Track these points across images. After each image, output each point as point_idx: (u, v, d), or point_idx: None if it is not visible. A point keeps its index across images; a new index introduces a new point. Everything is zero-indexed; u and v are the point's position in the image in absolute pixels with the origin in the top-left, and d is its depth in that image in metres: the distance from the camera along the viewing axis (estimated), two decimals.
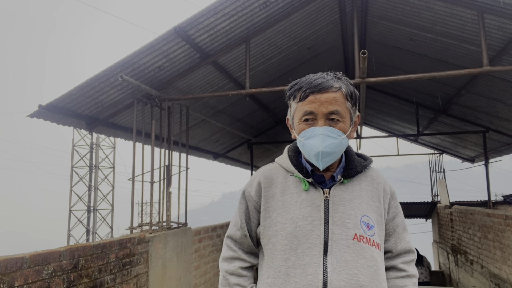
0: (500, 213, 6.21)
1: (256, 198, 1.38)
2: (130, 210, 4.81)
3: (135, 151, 4.90)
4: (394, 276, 1.36)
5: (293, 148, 1.42)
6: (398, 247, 1.38)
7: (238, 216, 1.42)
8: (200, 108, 6.67)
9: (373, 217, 1.30)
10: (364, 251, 1.24)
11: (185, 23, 4.34)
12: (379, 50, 7.10)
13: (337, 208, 1.27)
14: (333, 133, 1.26)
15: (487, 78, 6.23)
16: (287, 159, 1.39)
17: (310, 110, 1.27)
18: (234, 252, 1.43)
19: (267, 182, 1.37)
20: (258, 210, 1.38)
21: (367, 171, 1.40)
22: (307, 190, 1.30)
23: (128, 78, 4.35)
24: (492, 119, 8.05)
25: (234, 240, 1.44)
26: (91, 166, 17.20)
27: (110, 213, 17.55)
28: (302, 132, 1.29)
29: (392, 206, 1.39)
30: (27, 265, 2.63)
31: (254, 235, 1.41)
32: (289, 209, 1.29)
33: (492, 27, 4.74)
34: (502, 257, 6.10)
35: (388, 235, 1.37)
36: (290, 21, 5.38)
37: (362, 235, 1.25)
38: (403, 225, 1.41)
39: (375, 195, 1.35)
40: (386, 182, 1.41)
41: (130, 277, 3.88)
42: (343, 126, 1.28)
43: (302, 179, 1.32)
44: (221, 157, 10.14)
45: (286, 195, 1.32)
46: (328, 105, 1.26)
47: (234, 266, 1.41)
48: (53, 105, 4.50)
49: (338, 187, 1.31)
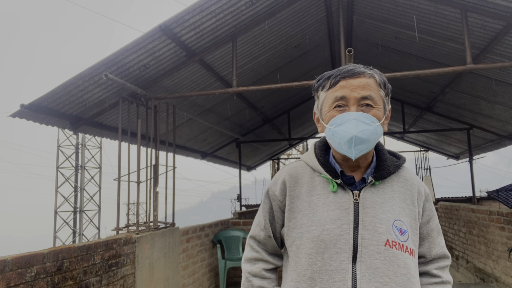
0: (484, 208, 6.32)
1: (280, 197, 1.31)
2: (116, 211, 4.74)
3: (120, 151, 4.84)
4: (428, 282, 1.29)
5: (320, 145, 1.34)
6: (433, 252, 1.31)
7: (262, 216, 1.36)
8: (187, 107, 6.62)
9: (407, 221, 1.22)
10: (397, 258, 1.16)
11: (171, 21, 4.30)
12: (365, 49, 7.15)
13: (367, 211, 1.19)
14: (367, 119, 1.17)
15: (470, 76, 6.33)
16: (313, 158, 1.31)
17: (342, 95, 1.19)
18: (257, 253, 1.37)
19: (292, 181, 1.29)
20: (283, 210, 1.31)
21: (400, 171, 1.30)
22: (335, 191, 1.22)
23: (112, 76, 4.29)
24: (476, 117, 8.19)
25: (257, 240, 1.38)
26: (77, 167, 16.95)
27: (97, 214, 17.33)
28: (333, 119, 1.20)
29: (426, 209, 1.30)
30: (9, 268, 2.56)
31: (279, 236, 1.35)
32: (316, 211, 1.22)
33: (475, 25, 4.81)
34: (486, 252, 6.21)
35: (422, 240, 1.29)
36: (276, 19, 5.38)
37: (394, 241, 1.17)
38: (438, 229, 1.33)
39: (408, 197, 1.26)
40: (421, 183, 1.32)
41: (116, 278, 3.83)
42: (377, 112, 1.19)
43: (330, 180, 1.24)
44: (209, 156, 10.10)
45: (312, 196, 1.25)
46: (361, 90, 1.18)
47: (257, 268, 1.35)
48: (35, 105, 4.41)
49: (368, 189, 1.23)
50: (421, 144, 12.76)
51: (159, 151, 5.43)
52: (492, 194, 5.60)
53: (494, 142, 9.10)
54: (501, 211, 5.58)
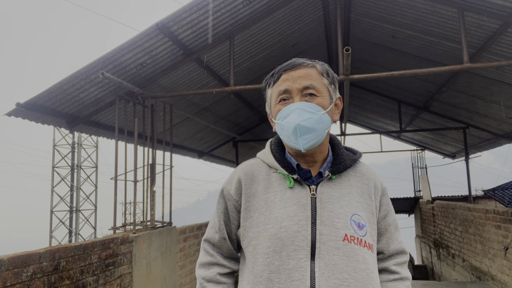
0: (480, 207, 6.35)
1: (236, 196, 1.26)
2: (113, 210, 4.72)
3: (117, 150, 4.81)
4: (386, 279, 1.27)
5: (276, 141, 1.32)
6: (390, 247, 1.29)
7: (216, 217, 1.30)
8: (184, 106, 6.60)
9: (364, 215, 1.20)
10: (356, 253, 1.14)
11: (168, 19, 4.28)
12: (362, 48, 7.16)
13: (325, 206, 1.17)
14: (311, 107, 1.16)
15: (467, 75, 6.35)
16: (269, 154, 1.28)
17: (285, 88, 1.19)
18: (212, 257, 1.31)
19: (248, 179, 1.26)
20: (239, 210, 1.26)
21: (357, 166, 1.30)
22: (292, 187, 1.20)
23: (109, 75, 4.27)
24: (472, 116, 8.22)
25: (212, 243, 1.32)
26: (73, 166, 16.87)
27: (93, 213, 17.27)
28: (279, 113, 1.20)
29: (383, 203, 1.29)
30: (5, 268, 2.55)
31: (234, 237, 1.29)
32: (273, 208, 1.18)
33: (472, 24, 4.82)
34: (482, 250, 6.24)
35: (380, 235, 1.28)
36: (274, 18, 5.37)
37: (353, 236, 1.15)
38: (395, 224, 1.31)
39: (365, 191, 1.25)
40: (377, 177, 1.31)
41: (113, 278, 3.82)
42: (321, 101, 1.19)
43: (286, 176, 1.21)
44: (206, 155, 10.08)
45: (269, 193, 1.21)
46: (302, 80, 1.18)
47: (212, 272, 1.28)
48: (31, 103, 4.38)
49: (325, 184, 1.20)
50: (418, 143, 12.80)
51: (156, 150, 5.41)
52: (488, 192, 5.63)
53: (490, 141, 9.14)
54: (497, 210, 5.61)
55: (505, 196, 5.37)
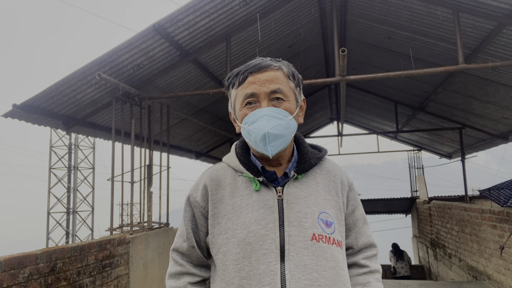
0: (477, 207, 6.38)
1: (202, 203, 1.23)
2: (110, 211, 4.72)
3: (114, 151, 4.81)
4: (357, 273, 1.28)
5: (241, 144, 1.30)
6: (359, 242, 1.29)
7: (184, 226, 1.27)
8: (181, 107, 6.60)
9: (332, 213, 1.20)
10: (324, 251, 1.13)
11: (164, 21, 4.29)
12: (358, 49, 7.19)
13: (292, 207, 1.16)
14: (279, 113, 1.15)
15: (462, 75, 6.39)
16: (234, 157, 1.26)
17: (251, 92, 1.16)
18: (181, 266, 1.28)
19: (213, 184, 1.23)
20: (206, 216, 1.23)
21: (323, 163, 1.28)
22: (258, 190, 1.18)
23: (106, 76, 4.27)
24: (468, 116, 8.26)
25: (181, 253, 1.29)
26: (69, 167, 16.82)
27: (90, 215, 17.21)
28: (245, 118, 1.17)
29: (351, 199, 1.29)
30: (1, 269, 2.54)
31: (204, 245, 1.26)
32: (240, 213, 1.16)
33: (467, 25, 4.86)
34: (479, 250, 6.27)
35: (348, 230, 1.28)
36: (270, 19, 5.39)
37: (321, 234, 1.14)
38: (363, 218, 1.32)
39: (332, 188, 1.24)
40: (343, 173, 1.31)
41: (110, 279, 3.81)
42: (288, 106, 1.18)
43: (252, 179, 1.19)
44: (203, 156, 10.08)
45: (235, 197, 1.19)
46: (269, 84, 1.16)
47: (182, 283, 1.25)
48: (28, 105, 4.37)
49: (292, 184, 1.19)
50: (414, 144, 12.85)
51: (153, 151, 5.41)
52: (484, 192, 5.65)
53: (486, 141, 9.19)
54: (493, 210, 5.64)
55: (500, 196, 5.40)
